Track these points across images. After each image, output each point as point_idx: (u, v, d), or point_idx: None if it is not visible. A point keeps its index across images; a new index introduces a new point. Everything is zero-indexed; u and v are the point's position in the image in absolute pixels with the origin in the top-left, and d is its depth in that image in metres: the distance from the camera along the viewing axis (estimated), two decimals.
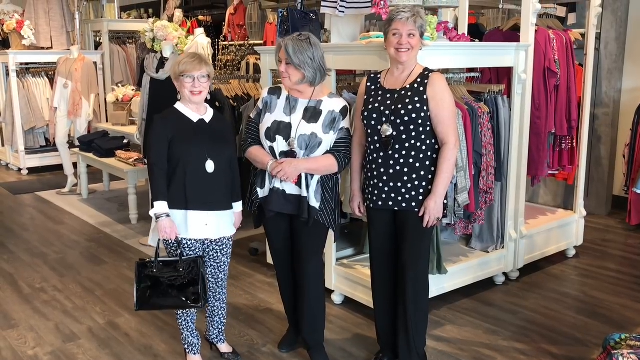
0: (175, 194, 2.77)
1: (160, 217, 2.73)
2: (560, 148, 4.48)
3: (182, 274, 2.78)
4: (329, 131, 2.85)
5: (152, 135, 2.79)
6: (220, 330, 3.16)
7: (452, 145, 2.73)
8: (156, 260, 2.80)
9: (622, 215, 5.63)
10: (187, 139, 2.78)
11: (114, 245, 5.07)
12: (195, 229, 2.81)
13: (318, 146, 2.83)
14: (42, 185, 7.28)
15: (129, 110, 6.52)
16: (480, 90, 3.85)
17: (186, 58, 2.80)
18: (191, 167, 2.77)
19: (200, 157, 2.78)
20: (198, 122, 2.84)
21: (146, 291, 2.81)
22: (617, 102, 5.72)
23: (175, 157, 2.76)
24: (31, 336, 3.45)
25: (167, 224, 2.74)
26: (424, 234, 2.81)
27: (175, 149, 2.75)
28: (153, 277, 2.79)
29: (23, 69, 7.80)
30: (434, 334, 3.42)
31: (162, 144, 2.75)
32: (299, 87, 2.86)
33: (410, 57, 2.75)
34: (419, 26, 2.71)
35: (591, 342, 3.35)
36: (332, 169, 2.88)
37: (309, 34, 2.83)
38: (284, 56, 2.79)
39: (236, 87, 5.24)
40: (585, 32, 4.50)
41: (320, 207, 2.87)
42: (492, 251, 4.03)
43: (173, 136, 2.76)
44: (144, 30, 4.95)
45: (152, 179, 2.77)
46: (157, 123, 2.81)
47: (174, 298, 2.80)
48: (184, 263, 2.78)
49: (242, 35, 8.26)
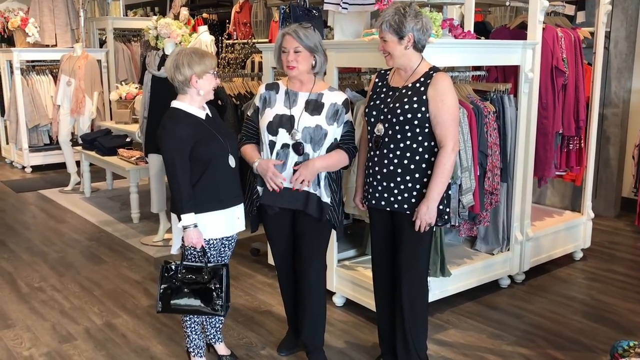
0: (208, 197, 2.69)
1: (189, 227, 2.66)
2: (568, 149, 4.40)
3: (206, 280, 2.73)
4: (332, 122, 2.80)
5: (172, 143, 2.61)
6: (217, 329, 3.10)
7: (450, 150, 2.62)
8: (181, 264, 2.75)
9: (631, 218, 5.53)
10: (209, 139, 2.68)
11: (115, 244, 5.02)
12: (231, 226, 2.80)
13: (324, 138, 2.78)
14: (45, 183, 7.26)
15: (132, 109, 6.49)
16: (486, 89, 3.78)
17: (204, 56, 2.67)
18: (219, 165, 2.71)
19: (223, 153, 2.73)
20: (206, 119, 2.76)
21: (168, 294, 2.75)
22: (627, 102, 5.62)
23: (202, 159, 2.65)
24: (27, 336, 3.41)
25: (196, 235, 2.67)
26: (421, 237, 2.73)
27: (200, 151, 2.64)
28: (177, 281, 2.74)
29: (27, 66, 7.79)
30: (436, 338, 3.35)
31: (185, 152, 2.62)
32: (303, 77, 2.80)
33: (396, 60, 2.66)
34: (388, 27, 2.58)
35: (598, 347, 3.27)
36: (345, 163, 2.87)
37: (309, 24, 2.79)
38: (292, 44, 2.73)
39: (239, 85, 5.19)
40: (595, 31, 4.41)
41: (331, 203, 2.84)
42: (497, 253, 3.96)
43: (196, 139, 2.64)
44: (147, 27, 4.91)
45: (178, 191, 2.62)
46: (172, 129, 2.62)
47: (195, 304, 2.75)
48: (208, 270, 2.73)
49: (248, 33, 8.22)
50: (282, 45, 2.78)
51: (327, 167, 2.80)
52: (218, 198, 2.72)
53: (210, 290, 2.74)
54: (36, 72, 7.85)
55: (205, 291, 2.75)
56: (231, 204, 2.78)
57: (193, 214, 2.66)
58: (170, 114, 2.70)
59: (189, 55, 2.66)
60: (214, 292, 2.74)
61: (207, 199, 2.70)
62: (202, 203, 2.69)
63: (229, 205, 2.77)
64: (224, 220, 2.77)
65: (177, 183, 2.62)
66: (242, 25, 8.41)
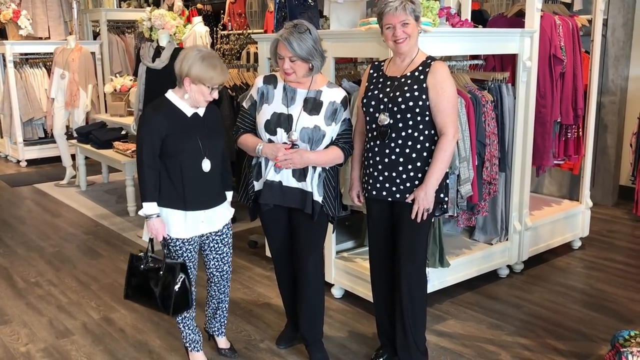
0: (172, 193, 2.65)
1: (150, 217, 2.63)
2: (566, 137, 4.38)
3: (161, 276, 2.67)
4: (330, 123, 2.76)
5: (144, 129, 2.59)
6: (222, 323, 3.09)
7: (451, 137, 2.62)
8: (147, 255, 2.72)
9: (628, 206, 5.52)
10: (182, 136, 2.62)
11: (111, 238, 4.99)
12: (192, 228, 2.72)
13: (322, 139, 2.75)
14: (41, 177, 7.21)
15: (127, 101, 6.43)
16: (484, 78, 3.75)
17: (211, 68, 2.56)
18: (187, 166, 2.64)
19: (196, 155, 2.65)
20: (192, 117, 2.69)
21: (132, 284, 2.74)
22: (624, 90, 5.60)
23: (170, 154, 2.61)
24: (24, 332, 3.38)
25: (157, 225, 2.64)
26: (421, 227, 2.71)
27: (170, 146, 2.60)
28: (139, 272, 2.72)
29: (21, 59, 7.71)
30: (435, 329, 3.34)
31: (155, 141, 2.58)
32: (301, 78, 2.75)
33: (411, 45, 2.65)
34: (411, 11, 2.58)
35: (598, 337, 3.27)
36: (338, 161, 2.82)
37: (301, 21, 2.70)
38: (287, 53, 2.66)
39: (235, 77, 5.14)
40: (592, 18, 4.38)
41: (323, 202, 2.79)
42: (496, 243, 3.94)
43: (167, 132, 2.60)
44: (141, 19, 4.86)
45: (142, 178, 2.60)
46: (149, 116, 2.61)
47: (149, 298, 2.71)
48: (166, 265, 2.67)
49: (242, 24, 8.15)
50: (277, 52, 2.71)
51: (319, 163, 2.75)
52: (182, 198, 2.66)
53: (163, 288, 2.66)
54: (29, 65, 7.77)
55: (163, 286, 2.66)
56: (195, 208, 2.69)
57: (155, 204, 2.62)
58: (156, 102, 2.69)
59: (201, 58, 2.57)
60: (168, 289, 2.66)
61: (171, 196, 2.66)
62: (165, 198, 2.66)
63: (193, 208, 2.69)
64: (183, 221, 2.69)
65: (142, 170, 2.61)
66: (236, 16, 8.34)
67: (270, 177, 2.77)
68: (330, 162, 2.80)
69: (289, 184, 2.78)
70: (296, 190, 2.78)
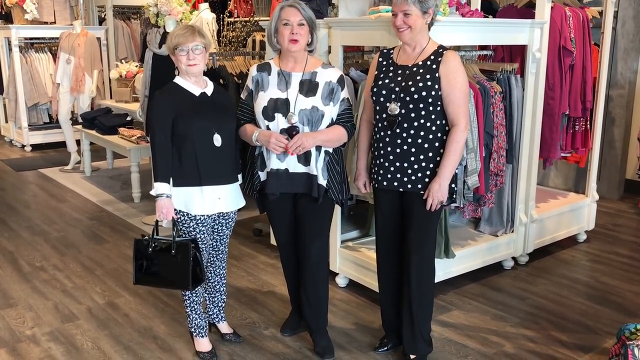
0: (187, 171, 2.71)
1: (160, 196, 2.66)
2: (574, 130, 4.35)
3: (174, 255, 2.70)
4: (329, 102, 2.75)
5: (154, 112, 2.69)
6: (220, 307, 3.10)
7: (463, 127, 2.61)
8: (152, 238, 2.73)
9: (634, 200, 5.51)
10: (192, 114, 2.69)
11: (116, 223, 5.00)
12: (209, 204, 2.76)
13: (321, 119, 2.73)
14: (45, 162, 7.21)
15: (133, 87, 6.42)
16: (493, 69, 3.72)
17: (179, 30, 2.70)
18: (199, 142, 2.70)
19: (207, 131, 2.71)
20: (200, 96, 2.76)
21: (142, 267, 2.76)
22: (633, 84, 5.56)
23: (181, 133, 2.68)
24: (30, 316, 3.40)
25: (166, 204, 2.67)
26: (431, 217, 2.70)
27: (180, 125, 2.67)
28: (148, 255, 2.73)
29: (26, 44, 7.69)
30: (440, 319, 3.34)
31: (166, 122, 2.66)
32: (300, 54, 2.75)
33: (413, 35, 2.62)
34: (415, 2, 2.55)
35: (602, 329, 3.26)
36: (343, 140, 2.81)
37: None
38: (296, 17, 2.67)
39: (241, 64, 5.11)
40: (603, 10, 4.34)
41: (327, 185, 2.79)
42: (501, 235, 3.93)
43: (177, 112, 2.67)
44: (147, 4, 4.83)
45: (156, 159, 2.68)
46: (158, 99, 2.71)
47: (164, 278, 2.75)
48: (176, 244, 2.70)
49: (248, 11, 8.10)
50: (283, 18, 2.70)
51: (326, 141, 2.74)
52: (197, 173, 2.71)
53: (177, 266, 2.71)
54: (35, 49, 7.75)
55: (175, 265, 2.71)
56: (212, 183, 2.75)
57: (166, 185, 2.67)
58: (165, 87, 2.77)
59: (173, 32, 2.72)
60: (182, 267, 2.70)
61: (186, 175, 2.71)
62: (181, 177, 2.71)
63: (209, 183, 2.74)
64: (201, 199, 2.74)
65: (154, 151, 2.67)
66: (243, 3, 8.29)
67: (275, 165, 2.76)
68: (337, 140, 2.78)
69: (296, 170, 2.77)
70: (303, 175, 2.78)
